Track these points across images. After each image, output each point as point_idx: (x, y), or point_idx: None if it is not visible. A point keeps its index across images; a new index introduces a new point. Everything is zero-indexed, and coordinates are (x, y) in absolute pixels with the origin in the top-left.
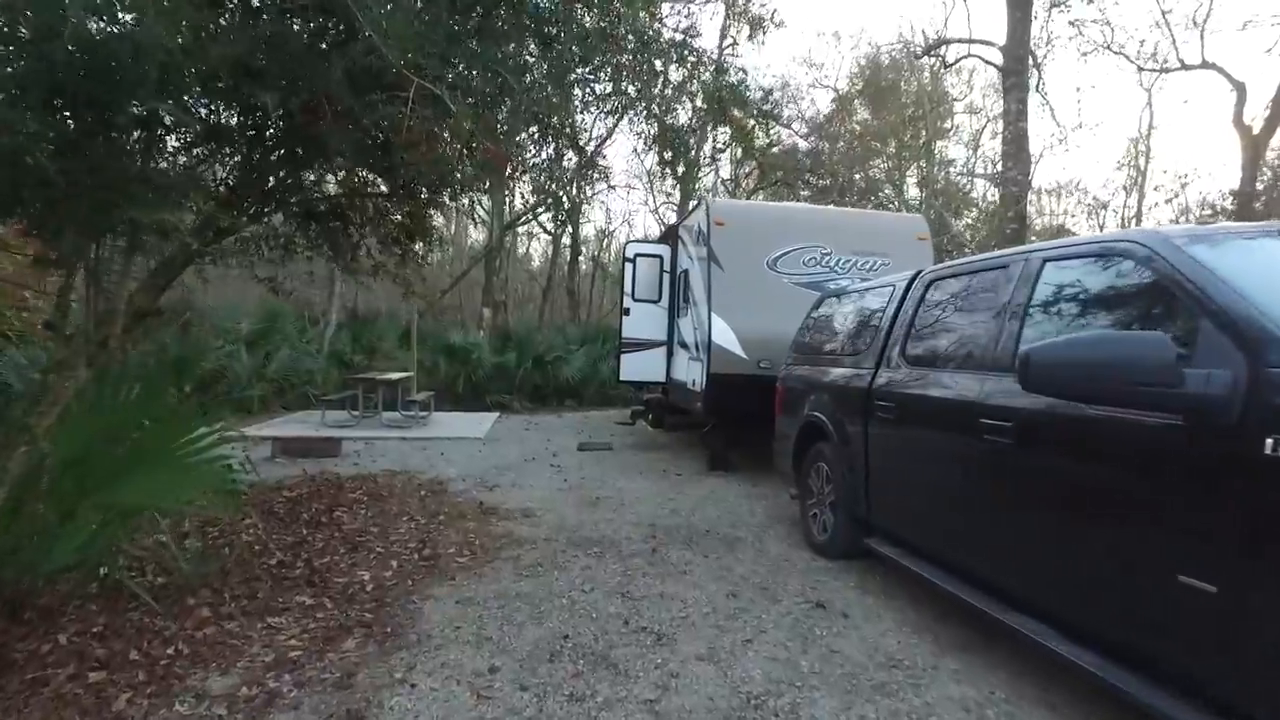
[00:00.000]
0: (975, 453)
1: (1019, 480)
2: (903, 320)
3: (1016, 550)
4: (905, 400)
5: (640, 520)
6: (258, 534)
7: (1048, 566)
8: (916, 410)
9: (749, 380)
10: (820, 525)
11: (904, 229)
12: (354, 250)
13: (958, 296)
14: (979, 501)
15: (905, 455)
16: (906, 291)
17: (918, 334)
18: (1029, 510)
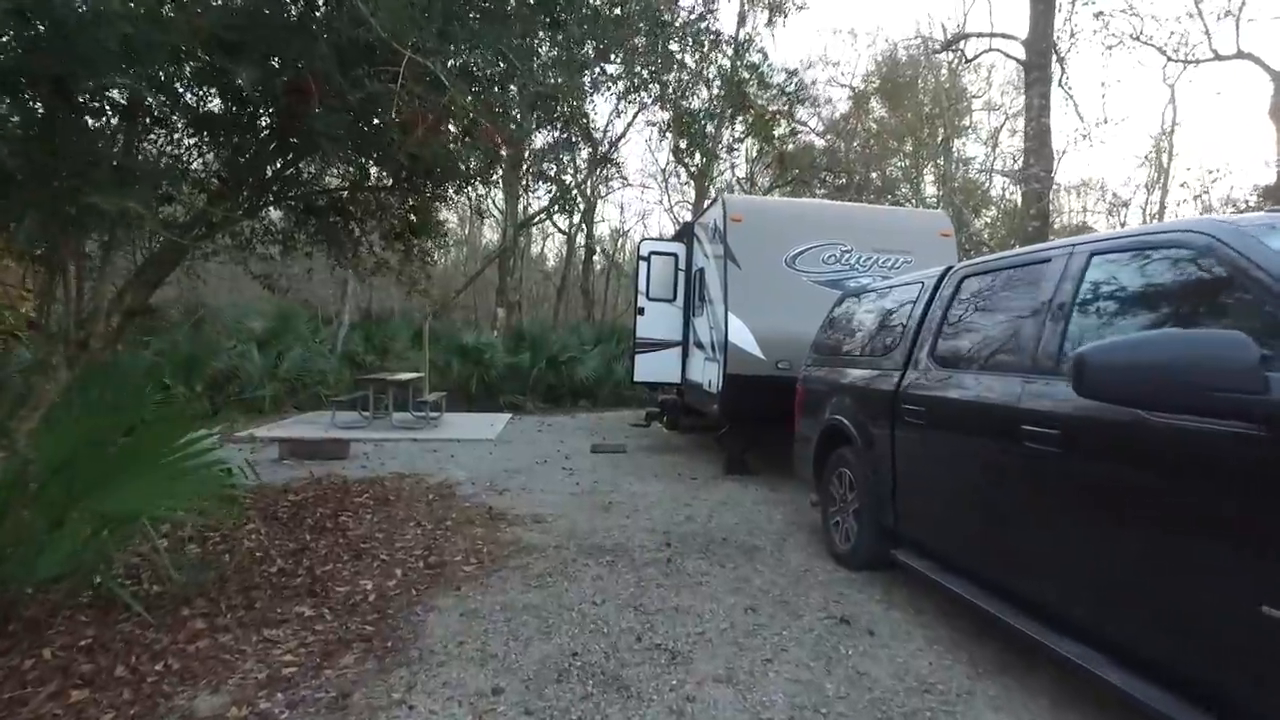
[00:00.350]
0: (1015, 461)
1: (1066, 493)
2: (932, 319)
3: (1062, 568)
4: (936, 404)
5: (654, 527)
6: (260, 540)
7: (1099, 587)
8: (948, 414)
9: (767, 381)
10: (843, 534)
11: (927, 225)
12: (355, 246)
13: (993, 293)
14: (1020, 515)
15: (936, 462)
16: (936, 288)
17: (949, 333)
18: (1077, 526)
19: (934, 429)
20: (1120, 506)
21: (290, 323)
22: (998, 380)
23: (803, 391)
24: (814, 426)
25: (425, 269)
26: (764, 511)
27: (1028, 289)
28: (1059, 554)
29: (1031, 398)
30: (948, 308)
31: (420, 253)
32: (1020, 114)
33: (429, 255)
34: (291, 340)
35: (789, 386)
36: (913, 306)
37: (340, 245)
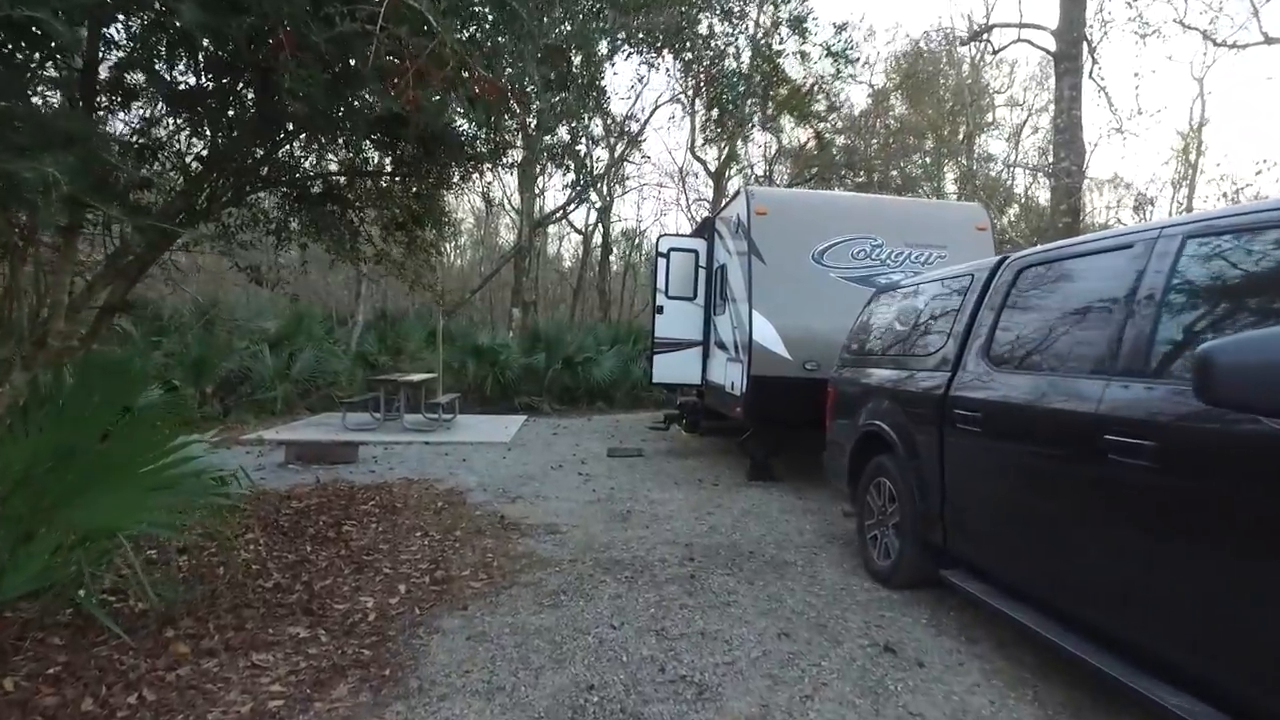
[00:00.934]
0: (1096, 476)
1: (1163, 515)
2: (986, 315)
3: (1158, 602)
4: (994, 409)
5: (676, 539)
6: (257, 551)
7: (1204, 624)
8: (1010, 421)
9: (793, 383)
10: (882, 549)
11: (962, 219)
12: (354, 237)
13: (1059, 285)
14: (1102, 537)
15: (995, 474)
16: (990, 281)
17: (1006, 331)
18: (1179, 554)
19: (992, 437)
20: (1239, 534)
21: (304, 323)
22: (1070, 383)
23: (835, 394)
24: (848, 432)
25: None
26: (792, 521)
27: (1104, 279)
28: (1155, 585)
29: (1116, 403)
30: (1004, 302)
31: (424, 245)
32: (1044, 109)
33: (434, 247)
34: (304, 341)
35: (817, 388)
36: (962, 302)
37: (338, 235)
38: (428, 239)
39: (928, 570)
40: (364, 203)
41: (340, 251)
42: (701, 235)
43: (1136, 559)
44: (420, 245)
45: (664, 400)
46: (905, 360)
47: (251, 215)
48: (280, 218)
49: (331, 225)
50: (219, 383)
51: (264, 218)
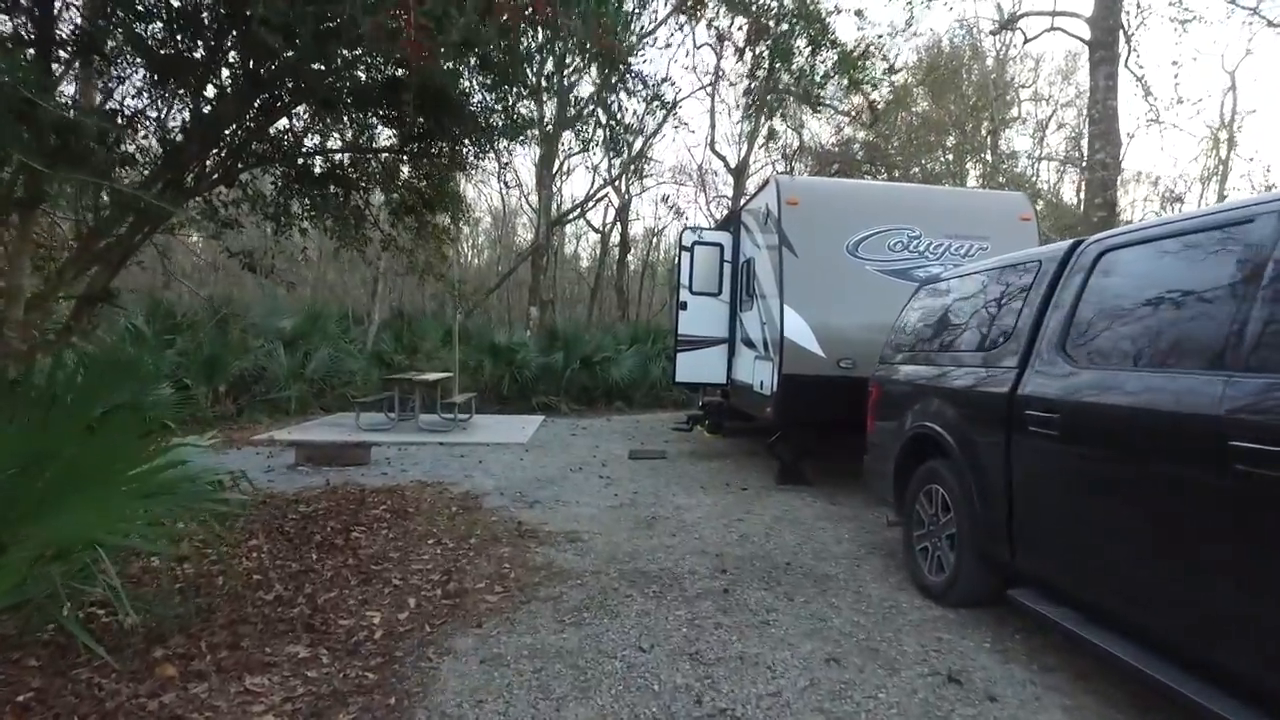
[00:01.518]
0: (1216, 488)
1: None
2: (1061, 305)
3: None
4: (1077, 410)
5: (705, 548)
6: (260, 559)
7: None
8: (1098, 424)
9: (827, 382)
10: (934, 563)
11: (1004, 208)
12: (359, 221)
13: (1153, 269)
14: (1224, 559)
15: (1079, 484)
16: (1063, 268)
17: (1087, 322)
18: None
19: (1074, 441)
20: None
21: (319, 322)
22: (1178, 380)
23: (878, 393)
24: (894, 435)
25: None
26: (828, 529)
27: (1215, 260)
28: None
29: (1243, 406)
30: (1082, 290)
31: (436, 231)
32: (1069, 104)
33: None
34: (319, 340)
35: (852, 388)
36: (1028, 291)
37: (342, 219)
38: (439, 225)
39: (988, 587)
40: (369, 184)
41: (345, 237)
42: (727, 228)
43: (1271, 586)
44: (432, 232)
45: (684, 400)
46: (961, 356)
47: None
48: (280, 200)
49: (335, 208)
50: (232, 382)
51: (261, 200)
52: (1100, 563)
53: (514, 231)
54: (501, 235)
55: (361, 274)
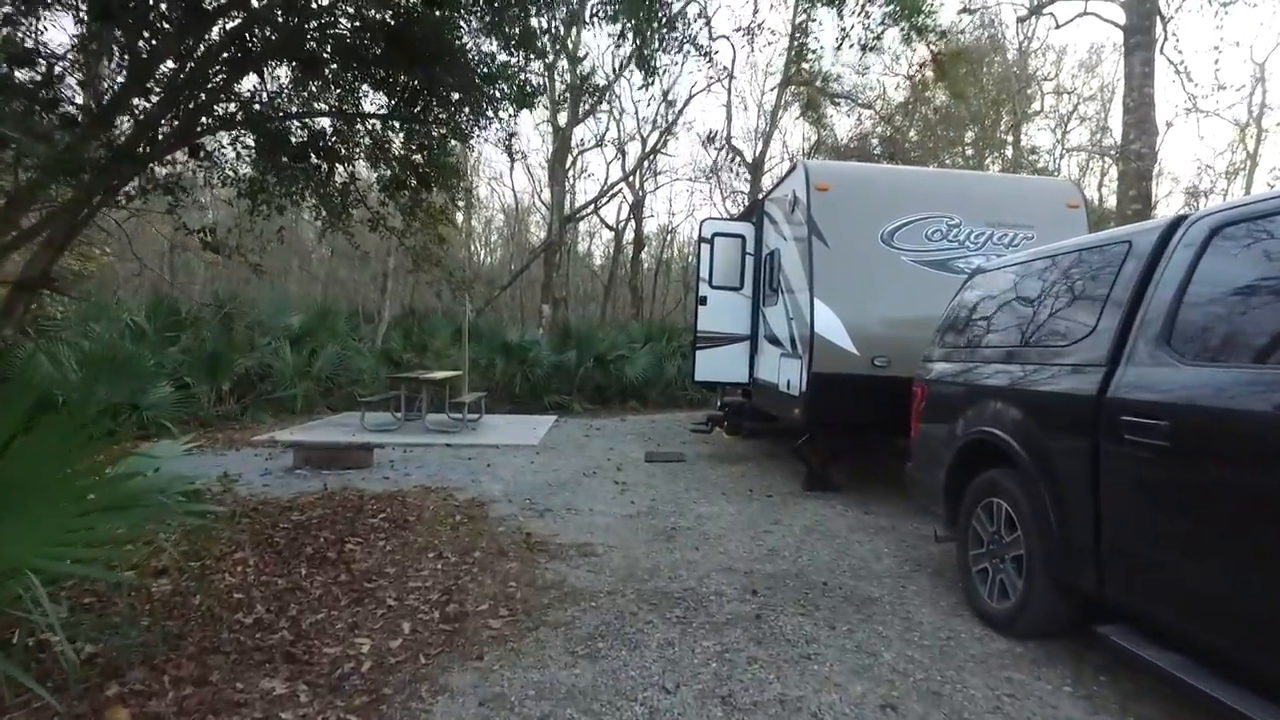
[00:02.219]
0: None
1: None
2: (1162, 292)
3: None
4: (1196, 417)
5: (732, 564)
6: (244, 575)
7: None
8: (1224, 433)
9: (861, 381)
10: (995, 587)
11: (1050, 195)
12: (345, 198)
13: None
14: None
15: (1196, 504)
16: (1162, 249)
17: (1200, 311)
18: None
19: (1191, 453)
20: None
21: (328, 319)
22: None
23: (924, 395)
24: (944, 441)
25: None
26: (865, 543)
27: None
28: None
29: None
30: (1191, 273)
31: (432, 211)
32: (1092, 97)
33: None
34: (327, 337)
35: (887, 387)
36: (1115, 277)
37: (325, 197)
38: (436, 205)
39: (1064, 618)
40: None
41: (331, 217)
42: (749, 219)
43: None
44: (428, 211)
45: (700, 400)
46: (1029, 353)
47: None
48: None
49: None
50: (236, 380)
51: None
52: (1223, 599)
53: (527, 229)
54: (514, 233)
55: (372, 270)
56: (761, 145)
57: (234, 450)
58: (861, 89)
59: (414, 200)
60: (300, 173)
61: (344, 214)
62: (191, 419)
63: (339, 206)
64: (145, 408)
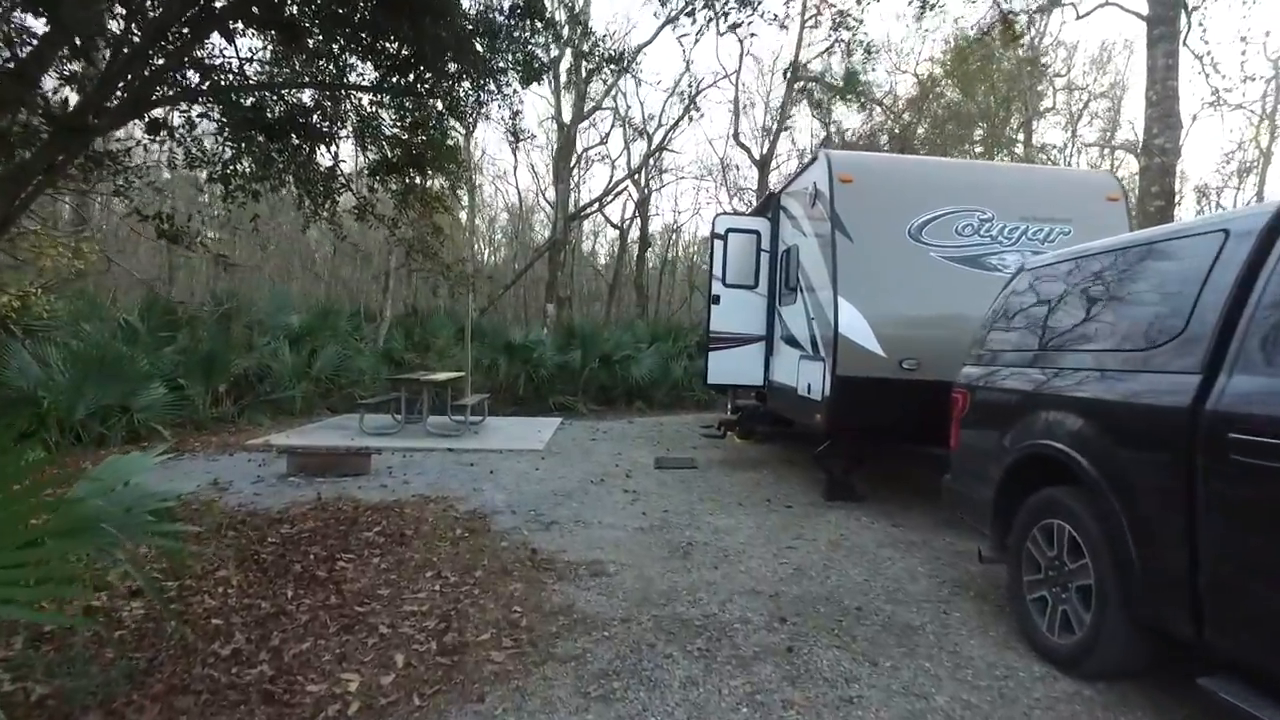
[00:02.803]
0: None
1: None
2: (1275, 290)
3: None
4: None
5: (755, 585)
6: (225, 598)
7: None
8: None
9: (888, 385)
10: (1057, 619)
11: (1089, 187)
12: (329, 182)
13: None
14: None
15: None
16: (1272, 240)
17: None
18: None
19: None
20: None
21: (329, 319)
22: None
23: (967, 402)
24: (992, 454)
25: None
26: (896, 560)
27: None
28: None
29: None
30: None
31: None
32: (1103, 94)
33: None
34: (327, 337)
35: (917, 391)
36: (1208, 271)
37: (307, 181)
38: (431, 191)
39: (1142, 659)
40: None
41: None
42: (764, 214)
43: None
44: (423, 199)
45: (707, 401)
46: (1100, 357)
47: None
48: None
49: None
50: (233, 381)
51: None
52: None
53: (531, 228)
54: (518, 231)
55: (374, 269)
56: (769, 143)
57: (227, 455)
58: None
59: (407, 186)
60: (278, 153)
61: (329, 201)
62: (187, 422)
63: (323, 193)
64: (137, 411)
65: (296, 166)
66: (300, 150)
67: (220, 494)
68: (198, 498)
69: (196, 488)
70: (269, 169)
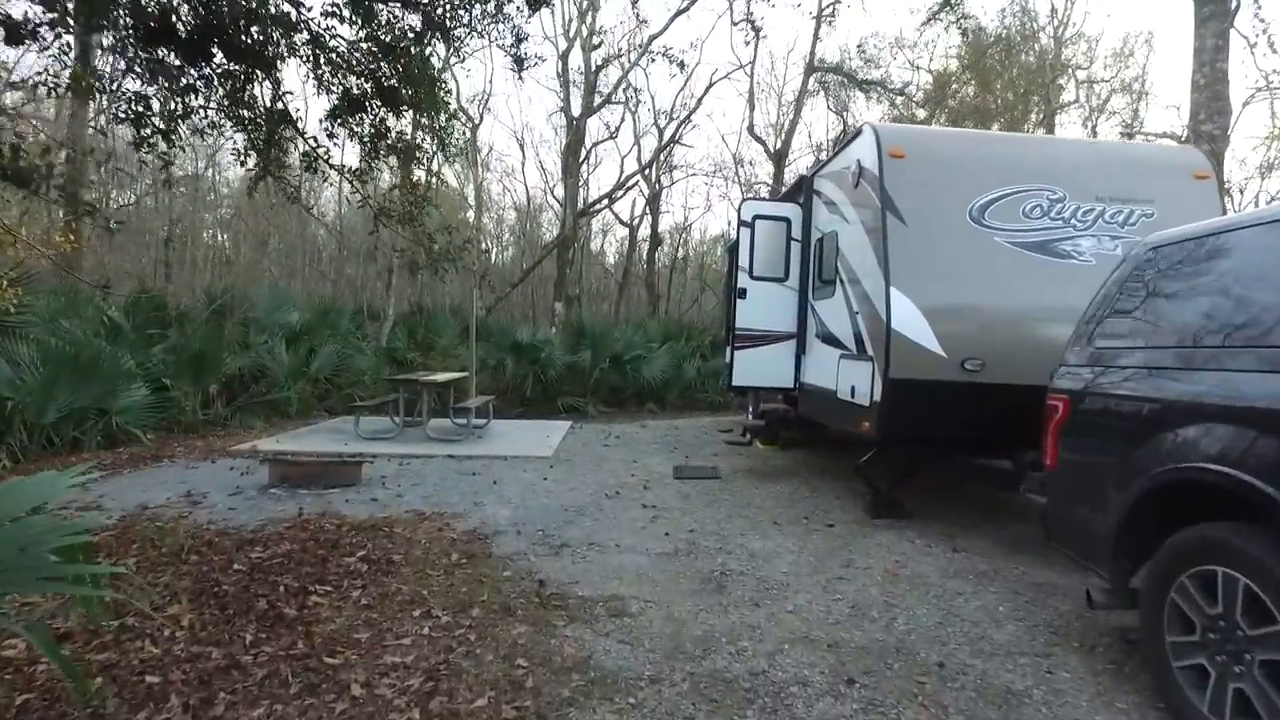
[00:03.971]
0: None
1: None
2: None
3: None
4: None
5: (808, 630)
6: (170, 644)
7: None
8: None
9: (950, 389)
10: (1227, 700)
11: (1173, 164)
12: (272, 124)
13: None
14: None
15: None
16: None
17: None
18: None
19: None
20: None
21: (330, 317)
22: None
23: (1070, 410)
24: (1114, 475)
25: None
26: (970, 596)
27: None
28: None
29: None
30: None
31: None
32: (1125, 89)
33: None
34: (327, 335)
35: (981, 396)
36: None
37: (246, 121)
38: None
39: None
40: (280, 48)
41: (257, 152)
42: (795, 200)
43: None
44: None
45: (722, 403)
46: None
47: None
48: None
49: (228, 96)
50: (226, 381)
51: (97, 82)
52: None
53: (539, 226)
54: (526, 230)
55: (377, 265)
56: (785, 136)
57: (209, 462)
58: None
59: (376, 130)
60: (203, 81)
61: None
62: (173, 425)
63: (266, 138)
64: (115, 413)
65: (228, 99)
66: (235, 76)
67: (191, 508)
68: (161, 514)
69: (166, 500)
70: (188, 98)
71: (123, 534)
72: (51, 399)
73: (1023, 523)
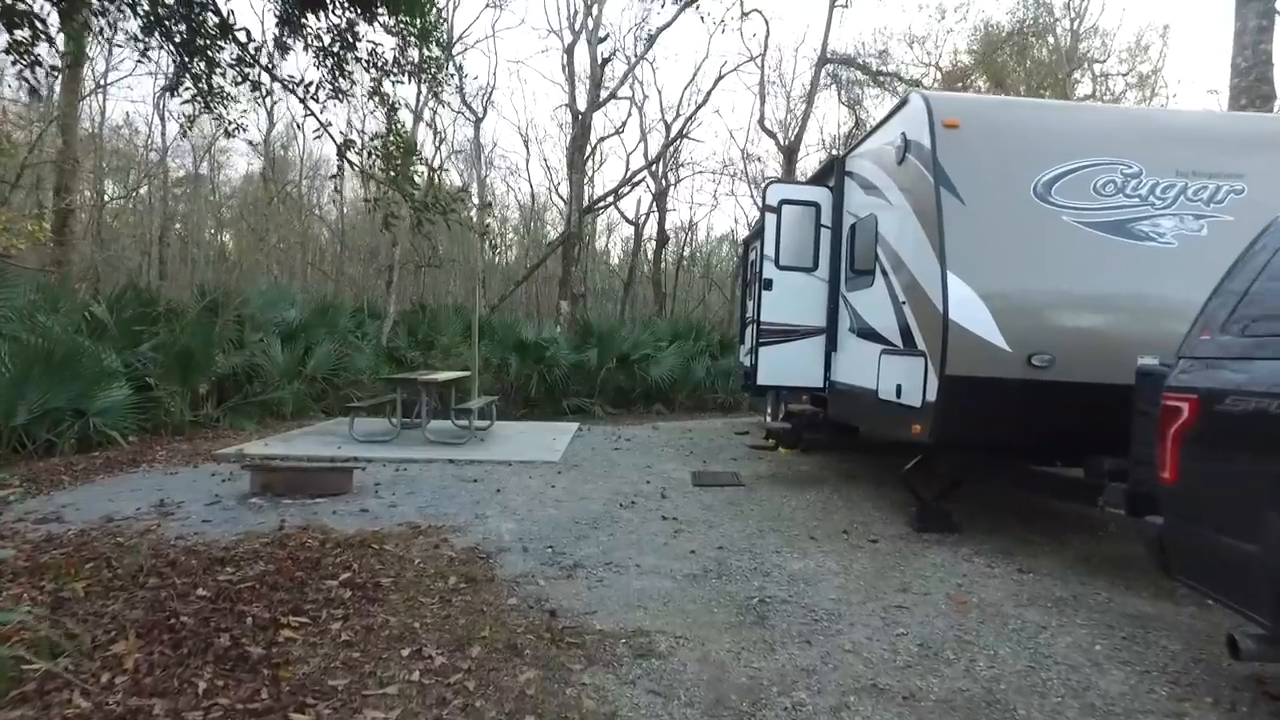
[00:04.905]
0: None
1: None
2: None
3: None
4: None
5: (873, 675)
6: (107, 694)
7: None
8: None
9: (1014, 388)
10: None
11: (1265, 135)
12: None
13: None
14: None
15: None
16: None
17: None
18: None
19: None
20: None
21: (329, 314)
22: None
23: (1197, 413)
24: (1270, 494)
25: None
26: (1057, 631)
27: None
28: None
29: None
30: None
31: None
32: (1140, 84)
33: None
34: (324, 333)
35: (1051, 396)
36: None
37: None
38: (386, 57)
39: None
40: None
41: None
42: (824, 183)
43: None
44: (369, 62)
45: (732, 403)
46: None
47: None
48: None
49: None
50: (217, 380)
51: None
52: None
53: (543, 225)
54: (530, 228)
55: (378, 263)
56: (796, 130)
57: (191, 467)
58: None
59: (342, 38)
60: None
61: (208, 63)
62: (159, 426)
63: (206, 57)
64: (93, 414)
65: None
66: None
67: (160, 520)
68: (126, 528)
69: (135, 511)
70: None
71: (77, 551)
72: (22, 398)
73: (1086, 537)
